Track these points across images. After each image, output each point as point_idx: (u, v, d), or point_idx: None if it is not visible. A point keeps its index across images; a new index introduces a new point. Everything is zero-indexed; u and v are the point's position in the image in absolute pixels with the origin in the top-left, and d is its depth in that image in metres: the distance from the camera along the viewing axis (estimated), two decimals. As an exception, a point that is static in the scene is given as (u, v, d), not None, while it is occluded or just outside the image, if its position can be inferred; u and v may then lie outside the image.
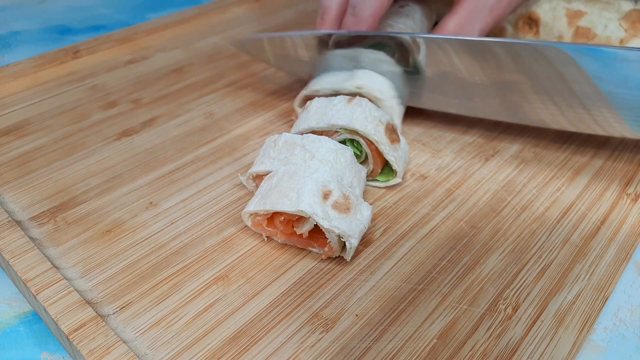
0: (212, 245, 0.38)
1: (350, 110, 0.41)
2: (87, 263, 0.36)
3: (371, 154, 0.42)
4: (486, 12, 0.49)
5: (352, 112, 0.41)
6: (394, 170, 0.42)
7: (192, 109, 0.52)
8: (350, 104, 0.42)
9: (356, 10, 0.46)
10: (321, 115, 0.42)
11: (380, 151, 0.41)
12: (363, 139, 0.41)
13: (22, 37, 0.69)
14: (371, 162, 0.42)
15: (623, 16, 0.55)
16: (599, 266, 0.37)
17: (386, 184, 0.43)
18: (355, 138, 0.41)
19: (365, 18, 0.46)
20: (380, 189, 0.43)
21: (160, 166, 0.45)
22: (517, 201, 0.43)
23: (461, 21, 0.48)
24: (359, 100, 0.42)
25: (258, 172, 0.40)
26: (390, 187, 0.43)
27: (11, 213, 0.40)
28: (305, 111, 0.43)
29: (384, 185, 0.43)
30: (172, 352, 0.31)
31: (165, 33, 0.65)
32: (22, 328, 0.36)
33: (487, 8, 0.49)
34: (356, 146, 0.42)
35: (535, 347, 0.32)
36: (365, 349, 0.32)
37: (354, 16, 0.46)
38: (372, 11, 0.46)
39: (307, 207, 0.34)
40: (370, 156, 0.42)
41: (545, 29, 0.59)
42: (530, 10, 0.60)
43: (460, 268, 0.37)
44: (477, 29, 0.49)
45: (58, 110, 0.52)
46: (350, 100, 0.42)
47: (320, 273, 0.36)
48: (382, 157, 0.42)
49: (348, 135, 0.41)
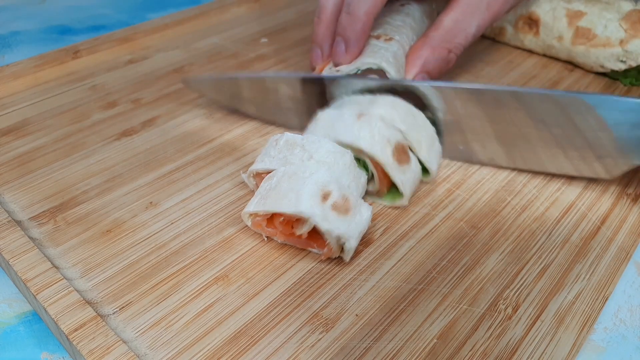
0: (212, 245, 0.38)
1: (358, 127, 0.40)
2: (87, 263, 0.36)
3: (377, 174, 0.40)
4: (483, 8, 0.48)
5: (359, 129, 0.39)
6: (401, 193, 0.41)
7: (192, 109, 0.52)
8: (359, 120, 0.40)
9: (350, 8, 0.46)
10: (329, 129, 0.40)
11: (387, 173, 0.40)
12: (368, 159, 0.40)
13: (22, 37, 0.69)
14: (377, 182, 0.41)
15: (623, 16, 0.55)
16: (599, 266, 0.37)
17: (392, 203, 0.41)
18: (361, 157, 0.40)
19: (360, 16, 0.46)
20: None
21: (160, 166, 0.45)
22: (517, 201, 0.43)
23: (457, 17, 0.48)
24: (369, 117, 0.40)
25: (257, 170, 0.40)
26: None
27: (11, 213, 0.40)
28: (315, 121, 0.42)
29: (390, 204, 0.42)
30: (172, 352, 0.31)
31: (165, 33, 0.65)
32: (22, 328, 0.36)
33: (484, 4, 0.48)
34: (363, 164, 0.41)
35: (535, 347, 0.32)
36: (365, 349, 0.32)
37: (349, 14, 0.46)
38: (366, 9, 0.46)
39: (306, 208, 0.34)
40: (376, 176, 0.40)
41: (545, 30, 0.59)
42: (530, 11, 0.60)
43: (460, 268, 0.37)
44: (474, 25, 0.48)
45: (58, 110, 0.52)
46: (360, 116, 0.40)
47: (320, 273, 0.36)
48: (388, 178, 0.40)
49: (355, 154, 0.40)
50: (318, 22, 0.49)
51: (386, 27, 0.51)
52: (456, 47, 0.48)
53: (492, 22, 0.50)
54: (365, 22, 0.46)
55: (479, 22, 0.48)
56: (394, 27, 0.52)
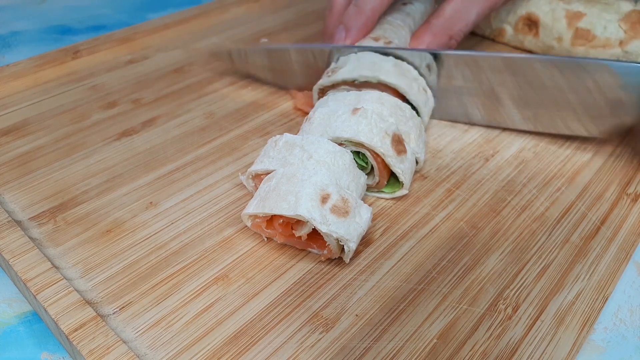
0: (212, 245, 0.38)
1: (355, 121, 0.40)
2: (87, 263, 0.36)
3: (377, 166, 0.41)
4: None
5: (357, 123, 0.40)
6: (401, 182, 0.41)
7: (192, 109, 0.52)
8: (355, 115, 0.40)
9: (359, 2, 0.50)
10: (325, 127, 0.41)
11: (387, 163, 0.40)
12: (369, 151, 0.40)
13: (22, 37, 0.69)
14: (377, 174, 0.41)
15: (622, 17, 0.55)
16: (599, 266, 0.38)
17: (392, 195, 0.42)
18: (361, 150, 0.40)
19: (366, 10, 0.49)
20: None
21: (160, 166, 0.45)
22: (517, 201, 0.43)
23: (458, 5, 0.50)
24: (364, 111, 0.41)
25: (257, 171, 0.40)
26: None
27: (11, 213, 0.40)
28: (308, 122, 0.42)
29: (390, 196, 0.42)
30: (172, 352, 0.31)
31: (165, 33, 0.65)
32: (22, 328, 0.36)
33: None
34: (362, 158, 0.41)
35: (535, 347, 0.32)
36: (365, 349, 0.32)
37: (356, 6, 0.50)
38: (372, 5, 0.49)
39: (305, 211, 0.34)
40: (376, 168, 0.41)
41: (544, 30, 0.59)
42: (530, 12, 0.60)
43: (460, 268, 0.37)
44: (474, 13, 0.50)
45: (58, 110, 0.52)
46: (355, 111, 0.41)
47: (320, 273, 0.36)
48: (388, 169, 0.41)
49: (353, 148, 0.40)
50: (329, 14, 0.53)
51: (386, 27, 0.52)
52: (457, 33, 0.51)
53: (490, 10, 0.53)
54: (370, 17, 0.50)
55: (479, 10, 0.51)
56: (393, 27, 0.52)
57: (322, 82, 0.47)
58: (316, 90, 0.48)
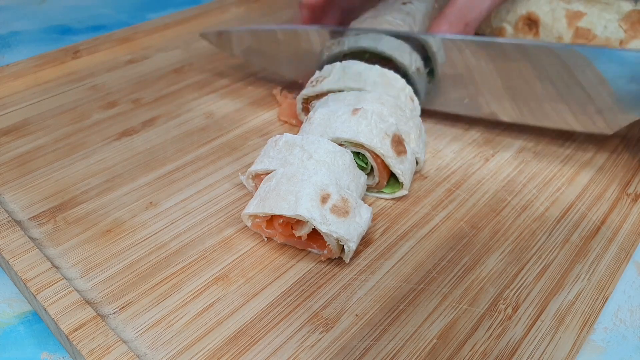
0: (211, 245, 0.38)
1: (355, 122, 0.40)
2: (87, 263, 0.36)
3: (377, 167, 0.41)
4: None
5: (357, 124, 0.40)
6: (401, 183, 0.41)
7: (192, 109, 0.52)
8: (355, 116, 0.40)
9: None
10: (325, 128, 0.41)
11: (387, 164, 0.40)
12: (368, 152, 0.40)
13: (22, 37, 0.69)
14: (377, 174, 0.41)
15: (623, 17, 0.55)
16: (599, 266, 0.37)
17: (392, 195, 0.42)
18: (361, 151, 0.40)
19: None
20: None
21: (160, 166, 0.45)
22: (517, 201, 0.43)
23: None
24: (364, 111, 0.40)
25: (257, 171, 0.40)
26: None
27: (11, 213, 0.40)
28: (308, 122, 0.42)
29: (390, 197, 0.42)
30: (172, 352, 0.31)
31: (165, 33, 0.65)
32: (22, 328, 0.36)
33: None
34: (361, 158, 0.41)
35: (535, 347, 0.32)
36: (365, 349, 0.32)
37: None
38: None
39: (305, 211, 0.34)
40: (376, 169, 0.41)
41: (544, 30, 0.59)
42: (530, 11, 0.60)
43: (460, 268, 0.37)
44: (487, 1, 0.51)
45: (58, 110, 0.52)
46: (355, 111, 0.41)
47: (320, 273, 0.36)
48: (388, 170, 0.41)
49: (353, 148, 0.40)
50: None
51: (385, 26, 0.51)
52: (472, 21, 0.51)
53: (502, 0, 0.53)
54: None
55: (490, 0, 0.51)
56: (393, 27, 0.51)
57: (306, 92, 0.47)
58: (300, 100, 0.48)
